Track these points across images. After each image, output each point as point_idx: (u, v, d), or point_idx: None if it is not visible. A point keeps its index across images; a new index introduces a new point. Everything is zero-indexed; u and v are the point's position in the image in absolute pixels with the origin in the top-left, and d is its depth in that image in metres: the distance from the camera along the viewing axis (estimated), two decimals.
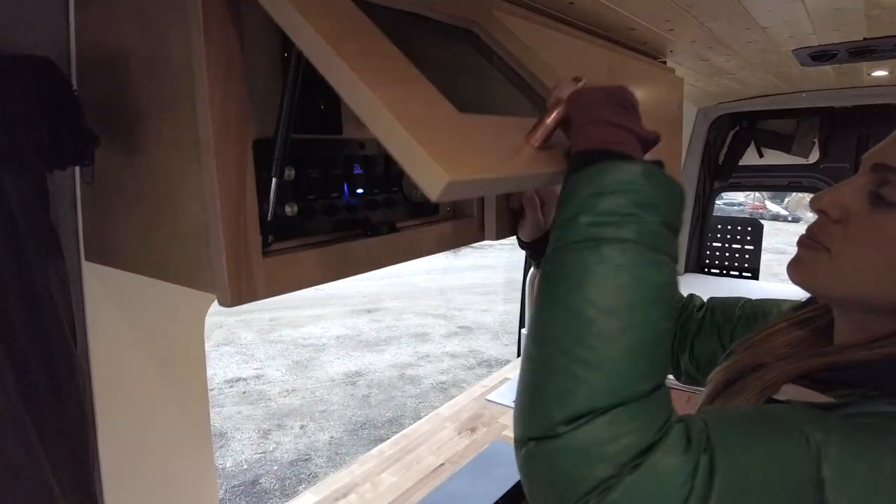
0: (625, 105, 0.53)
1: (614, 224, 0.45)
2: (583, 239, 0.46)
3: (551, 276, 0.47)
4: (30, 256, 0.62)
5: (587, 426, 0.42)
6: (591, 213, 0.46)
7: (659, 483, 0.41)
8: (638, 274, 0.44)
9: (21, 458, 0.64)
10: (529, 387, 0.46)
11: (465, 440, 1.42)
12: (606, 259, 0.44)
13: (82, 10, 0.61)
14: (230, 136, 0.48)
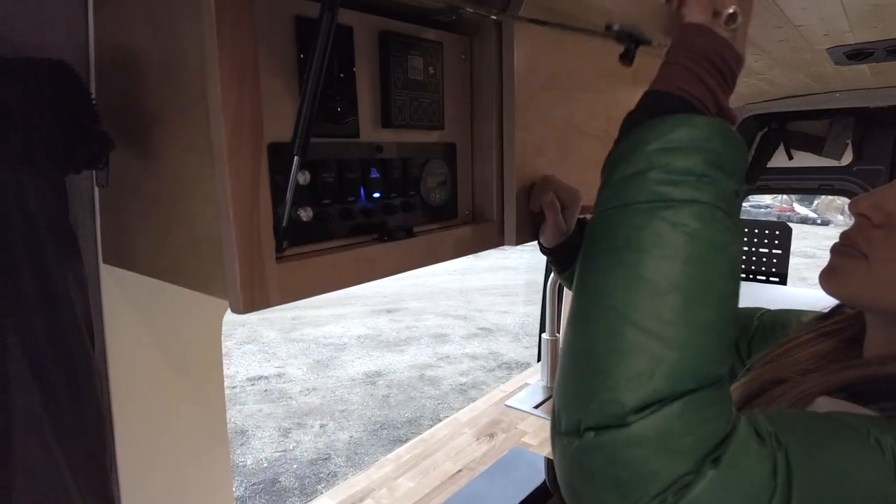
0: (724, 69, 0.48)
1: (690, 185, 0.40)
2: (652, 199, 0.40)
3: (609, 239, 0.42)
4: (49, 259, 0.62)
5: (660, 413, 0.36)
6: (664, 171, 0.41)
7: (744, 480, 0.36)
8: (716, 242, 0.40)
9: (39, 459, 0.64)
10: (588, 364, 0.40)
11: (484, 446, 1.40)
12: (682, 223, 0.39)
13: (100, 13, 0.61)
14: (244, 140, 0.47)
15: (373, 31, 0.62)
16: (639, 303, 0.38)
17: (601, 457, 0.38)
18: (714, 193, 0.40)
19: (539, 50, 0.80)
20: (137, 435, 0.77)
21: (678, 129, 0.42)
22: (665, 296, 0.38)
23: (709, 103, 0.46)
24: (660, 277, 0.38)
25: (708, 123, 0.42)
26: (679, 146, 0.41)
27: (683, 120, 0.42)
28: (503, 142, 0.77)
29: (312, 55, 0.48)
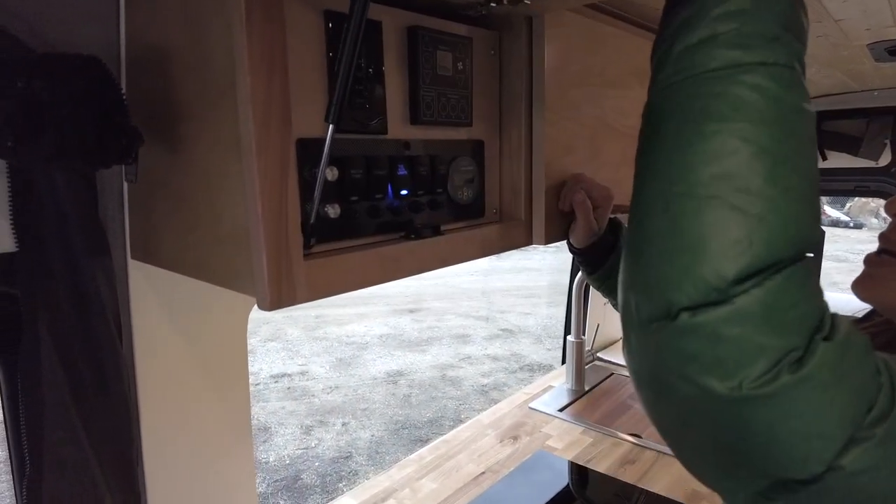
0: None
1: (763, 47, 0.38)
2: (725, 65, 0.38)
3: (681, 113, 0.39)
4: (79, 254, 0.62)
5: (763, 287, 0.34)
6: (735, 35, 0.38)
7: (855, 361, 0.35)
8: (797, 104, 0.38)
9: (69, 453, 0.65)
10: (677, 242, 0.37)
11: (508, 449, 1.38)
12: (762, 86, 0.37)
13: (132, 7, 0.61)
14: (272, 134, 0.47)
15: (401, 27, 0.61)
16: (729, 172, 0.36)
17: (701, 337, 0.35)
18: (788, 54, 0.38)
19: (570, 46, 0.79)
20: (163, 429, 0.77)
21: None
22: (753, 161, 0.36)
23: None
24: (746, 144, 0.36)
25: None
26: (745, 8, 0.39)
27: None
28: (532, 139, 0.76)
29: (343, 49, 0.47)
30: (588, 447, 1.39)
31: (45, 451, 0.63)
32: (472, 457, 1.35)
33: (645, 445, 1.38)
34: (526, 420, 1.54)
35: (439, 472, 1.29)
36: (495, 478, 1.26)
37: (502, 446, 1.40)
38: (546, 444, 1.41)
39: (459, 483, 1.24)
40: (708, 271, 0.35)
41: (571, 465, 1.34)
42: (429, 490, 1.22)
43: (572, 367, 1.73)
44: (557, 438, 1.44)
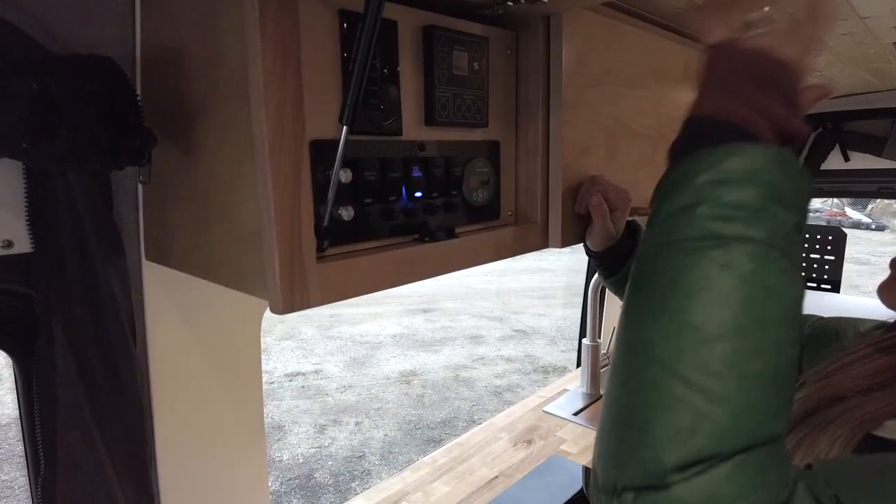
0: (775, 82, 0.43)
1: (743, 220, 0.37)
2: (701, 236, 0.37)
3: (653, 282, 0.39)
4: (94, 255, 0.63)
5: (706, 475, 0.33)
6: (715, 205, 0.37)
7: None
8: (771, 284, 0.36)
9: (82, 452, 0.65)
10: (627, 419, 0.37)
11: (521, 453, 1.37)
12: (733, 263, 0.36)
13: (147, 8, 0.61)
14: (286, 135, 0.46)
15: (417, 26, 0.61)
16: (683, 353, 0.35)
17: None
18: (770, 230, 0.37)
19: (588, 45, 0.77)
20: (177, 429, 0.77)
21: (729, 160, 0.38)
22: (712, 345, 0.34)
23: (762, 126, 0.42)
24: (707, 325, 0.35)
25: (763, 152, 0.38)
26: (731, 178, 0.37)
27: (735, 149, 0.38)
28: (549, 140, 0.74)
29: (357, 49, 0.47)
30: None
31: (59, 449, 0.63)
32: (485, 460, 1.34)
33: None
34: (540, 424, 1.52)
35: (452, 475, 1.28)
36: (509, 482, 1.25)
37: (516, 450, 1.39)
38: (560, 449, 1.40)
39: (472, 487, 1.23)
40: (648, 455, 0.34)
41: (586, 470, 1.32)
42: (441, 493, 1.21)
43: (587, 371, 1.71)
44: (572, 443, 1.42)
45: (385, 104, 0.58)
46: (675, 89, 1.02)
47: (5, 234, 0.58)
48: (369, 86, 0.55)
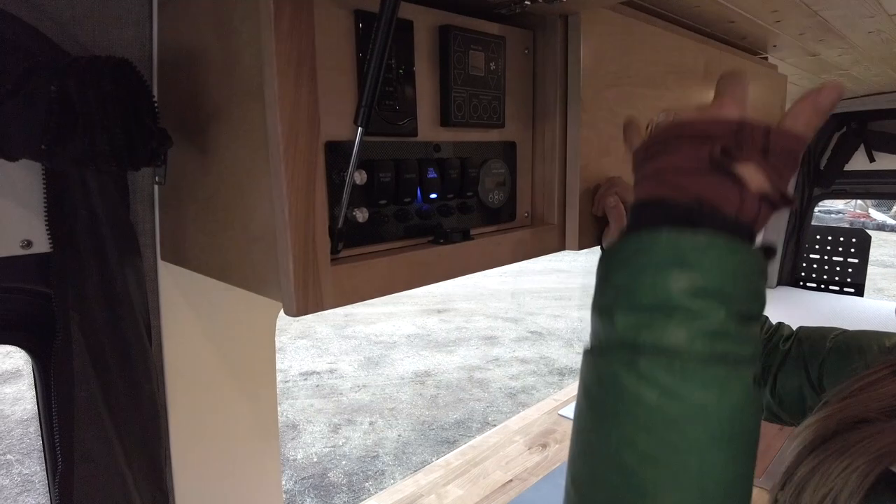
0: (710, 145, 0.37)
1: (658, 325, 0.32)
2: (618, 345, 0.33)
3: (579, 393, 0.35)
4: (110, 255, 0.63)
5: None
6: (628, 309, 0.33)
7: None
8: (694, 400, 0.31)
9: (98, 449, 0.66)
10: None
11: (536, 456, 1.36)
12: (648, 379, 0.31)
13: (164, 10, 0.61)
14: (300, 137, 0.46)
15: (433, 26, 0.60)
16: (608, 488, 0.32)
17: None
18: (690, 333, 0.31)
19: (607, 45, 0.76)
20: (191, 429, 0.77)
21: (644, 252, 0.33)
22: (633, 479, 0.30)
23: (719, 193, 0.35)
24: (630, 454, 0.31)
25: (681, 239, 0.33)
26: (644, 272, 0.33)
27: (649, 238, 0.34)
28: (567, 141, 0.73)
29: (372, 50, 0.46)
30: None
31: (75, 446, 0.64)
32: (499, 464, 1.33)
33: None
34: (555, 427, 1.51)
35: (466, 478, 1.27)
36: (523, 486, 1.24)
37: (531, 454, 1.38)
38: None
39: (486, 490, 1.22)
40: None
41: None
42: (455, 496, 1.20)
43: None
44: None
45: (400, 105, 0.57)
46: (695, 89, 1.00)
47: (25, 234, 0.59)
48: (384, 86, 0.55)
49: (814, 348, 0.73)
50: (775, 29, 1.14)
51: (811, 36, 1.20)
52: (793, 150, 0.37)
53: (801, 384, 0.73)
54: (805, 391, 0.72)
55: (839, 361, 0.69)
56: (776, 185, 0.35)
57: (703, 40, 1.04)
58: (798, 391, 0.73)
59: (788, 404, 0.74)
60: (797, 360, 0.74)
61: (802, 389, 0.72)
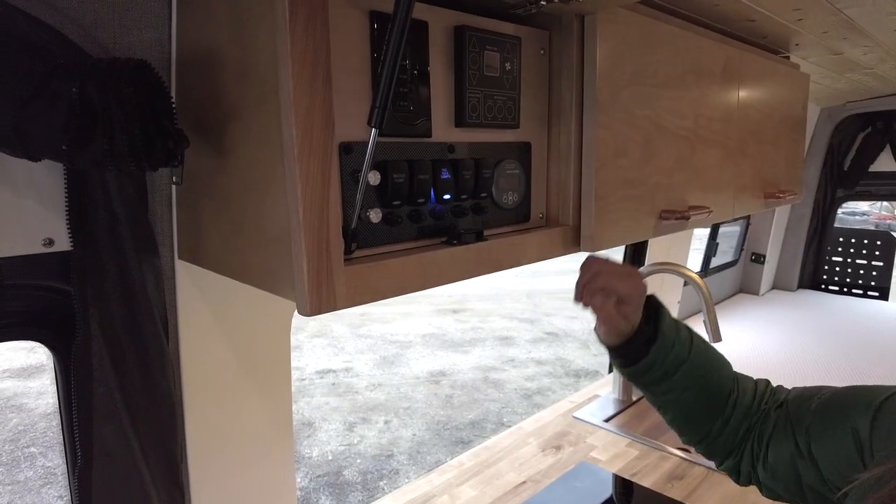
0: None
1: None
2: None
3: None
4: (129, 253, 0.64)
5: None
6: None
7: None
8: None
9: (116, 445, 0.67)
10: None
11: (550, 458, 1.35)
12: None
13: (183, 13, 0.62)
14: (315, 138, 0.46)
15: (448, 26, 0.60)
16: None
17: None
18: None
19: (624, 45, 0.75)
20: (206, 424, 0.78)
21: None
22: None
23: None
24: None
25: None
26: None
27: None
28: (583, 142, 0.73)
29: (387, 51, 0.46)
30: (633, 460, 1.35)
31: (94, 442, 0.65)
32: (513, 465, 1.32)
33: (694, 461, 1.32)
34: (570, 429, 1.50)
35: (479, 479, 1.27)
36: (536, 488, 1.24)
37: (544, 455, 1.37)
38: (590, 456, 1.37)
39: (500, 492, 1.22)
40: None
41: (616, 478, 1.29)
42: (468, 497, 1.20)
43: (619, 377, 1.67)
44: (602, 450, 1.40)
45: (415, 105, 0.57)
46: (713, 89, 0.99)
47: (47, 232, 0.60)
48: (399, 87, 0.55)
49: (799, 412, 0.66)
50: (797, 27, 1.12)
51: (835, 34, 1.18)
52: None
53: (791, 454, 0.65)
54: (797, 462, 0.64)
55: (824, 427, 0.62)
56: None
57: (722, 39, 1.03)
58: (790, 461, 0.65)
59: (782, 476, 0.66)
60: (785, 428, 0.67)
61: (794, 460, 0.64)
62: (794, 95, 1.37)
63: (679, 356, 0.70)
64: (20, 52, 0.50)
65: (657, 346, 0.69)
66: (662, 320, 0.71)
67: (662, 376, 0.70)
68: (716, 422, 0.72)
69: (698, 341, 0.73)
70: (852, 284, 2.67)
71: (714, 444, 0.73)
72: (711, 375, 0.72)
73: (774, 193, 1.29)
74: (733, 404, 0.71)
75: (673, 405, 0.73)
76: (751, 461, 0.71)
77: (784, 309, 2.46)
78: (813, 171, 2.53)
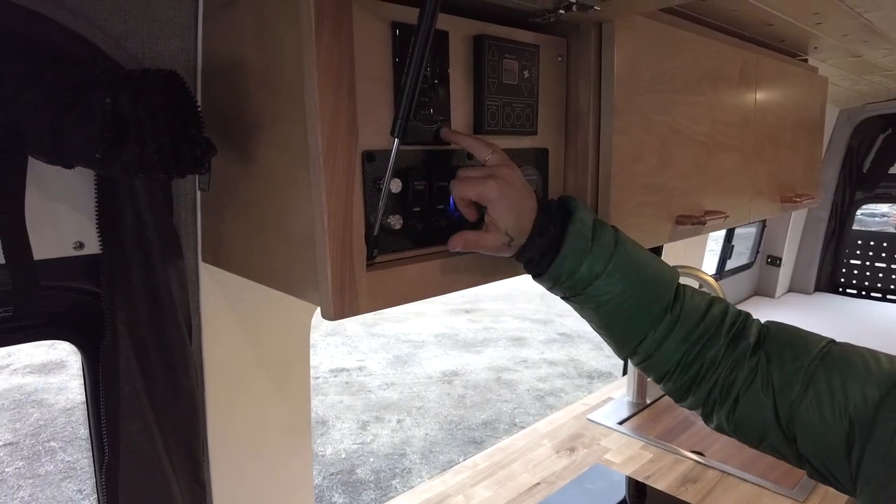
0: None
1: None
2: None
3: None
4: (155, 256, 0.66)
5: None
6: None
7: None
8: None
9: (141, 442, 0.69)
10: None
11: (564, 460, 1.36)
12: None
13: (209, 22, 0.63)
14: (339, 148, 0.47)
15: (468, 36, 0.61)
16: None
17: None
18: None
19: (640, 51, 0.76)
20: (227, 423, 0.80)
21: None
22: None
23: None
24: None
25: None
26: None
27: None
28: (600, 148, 0.73)
29: (409, 65, 0.47)
30: (647, 463, 1.35)
31: (121, 439, 0.67)
32: (526, 466, 1.33)
33: (708, 465, 1.32)
34: (583, 432, 1.50)
35: (493, 479, 1.28)
36: (550, 489, 1.24)
37: (558, 457, 1.37)
38: (604, 458, 1.37)
39: (513, 493, 1.22)
40: None
41: (629, 480, 1.29)
42: (482, 498, 1.21)
43: (634, 380, 1.67)
44: (616, 452, 1.40)
45: (435, 113, 0.58)
46: (730, 94, 0.99)
47: (78, 236, 0.62)
48: (420, 96, 0.56)
49: (785, 382, 0.58)
50: (816, 31, 1.12)
51: (854, 37, 1.17)
52: None
53: (765, 420, 0.59)
54: (769, 429, 0.59)
55: (816, 404, 0.56)
56: None
57: (739, 44, 1.02)
58: (761, 426, 0.60)
59: (745, 433, 0.62)
60: (765, 390, 0.59)
61: (767, 427, 0.59)
62: (812, 98, 1.36)
63: (592, 270, 0.61)
64: (57, 63, 0.52)
65: (559, 260, 0.61)
66: (571, 228, 0.61)
67: (572, 289, 0.62)
68: (643, 339, 0.63)
69: (625, 251, 0.63)
70: (871, 287, 2.64)
71: (647, 363, 0.65)
72: (638, 289, 0.62)
73: (791, 197, 1.28)
74: (670, 323, 0.62)
75: (592, 315, 0.65)
76: (706, 401, 0.64)
77: (800, 312, 2.43)
78: (831, 173, 2.51)
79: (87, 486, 3.39)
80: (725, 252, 2.38)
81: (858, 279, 2.67)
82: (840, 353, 0.58)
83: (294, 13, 0.47)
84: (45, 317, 0.64)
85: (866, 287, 2.65)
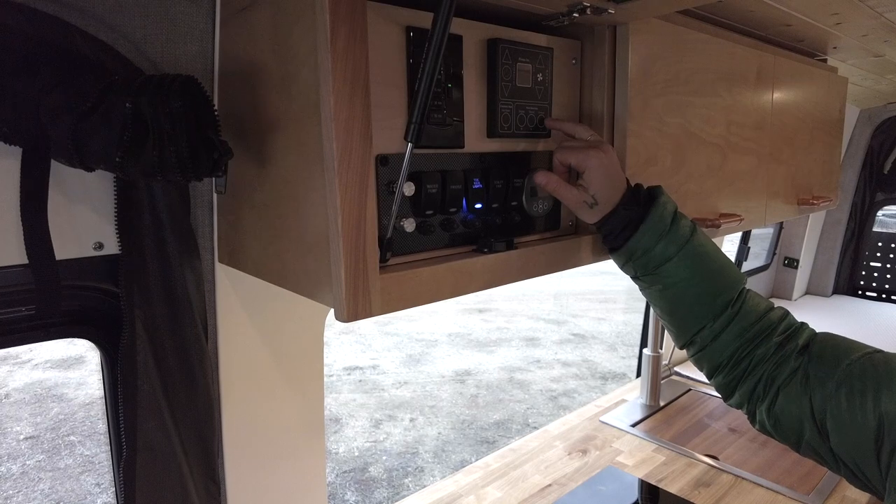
0: None
1: None
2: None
3: None
4: (172, 257, 0.67)
5: None
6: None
7: None
8: None
9: (158, 439, 0.70)
10: None
11: (576, 462, 1.35)
12: None
13: (226, 27, 0.64)
14: (354, 153, 0.48)
15: (481, 40, 0.61)
16: None
17: None
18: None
19: (655, 54, 0.75)
20: (242, 422, 0.81)
21: None
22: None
23: None
24: None
25: None
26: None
27: None
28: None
29: (423, 71, 0.48)
30: (660, 466, 1.34)
31: (138, 436, 0.68)
32: (538, 468, 1.33)
33: (722, 468, 1.31)
34: (596, 434, 1.50)
35: (505, 480, 1.28)
36: (562, 491, 1.24)
37: (570, 459, 1.37)
38: (616, 460, 1.37)
39: (525, 494, 1.23)
40: None
41: (642, 483, 1.29)
42: (494, 498, 1.21)
43: (647, 382, 1.66)
44: (628, 455, 1.39)
45: (448, 118, 0.59)
46: (746, 95, 0.98)
47: (97, 237, 0.63)
48: (433, 100, 0.56)
49: (823, 378, 0.61)
50: (835, 31, 1.10)
51: (875, 37, 1.15)
52: None
53: (801, 416, 0.62)
54: (805, 426, 0.62)
55: (848, 402, 0.58)
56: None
57: (756, 45, 1.02)
58: (798, 422, 0.63)
59: (784, 430, 0.64)
60: (804, 386, 0.63)
61: (803, 423, 0.62)
62: (831, 99, 1.34)
63: (665, 252, 0.66)
64: (79, 68, 0.53)
65: (637, 236, 0.66)
66: (653, 210, 0.66)
67: (644, 268, 0.67)
68: (702, 328, 0.68)
69: (698, 242, 0.67)
70: (891, 290, 2.60)
71: (702, 354, 0.69)
72: (704, 278, 0.67)
73: (808, 200, 1.27)
74: (728, 318, 0.67)
75: (657, 297, 0.69)
76: (750, 397, 0.67)
77: (818, 315, 2.40)
78: (851, 173, 2.47)
79: (105, 479, 3.45)
80: (741, 253, 2.35)
81: (878, 282, 2.63)
82: (882, 360, 0.60)
83: (309, 19, 0.47)
84: (65, 315, 0.66)
85: (886, 290, 2.61)
